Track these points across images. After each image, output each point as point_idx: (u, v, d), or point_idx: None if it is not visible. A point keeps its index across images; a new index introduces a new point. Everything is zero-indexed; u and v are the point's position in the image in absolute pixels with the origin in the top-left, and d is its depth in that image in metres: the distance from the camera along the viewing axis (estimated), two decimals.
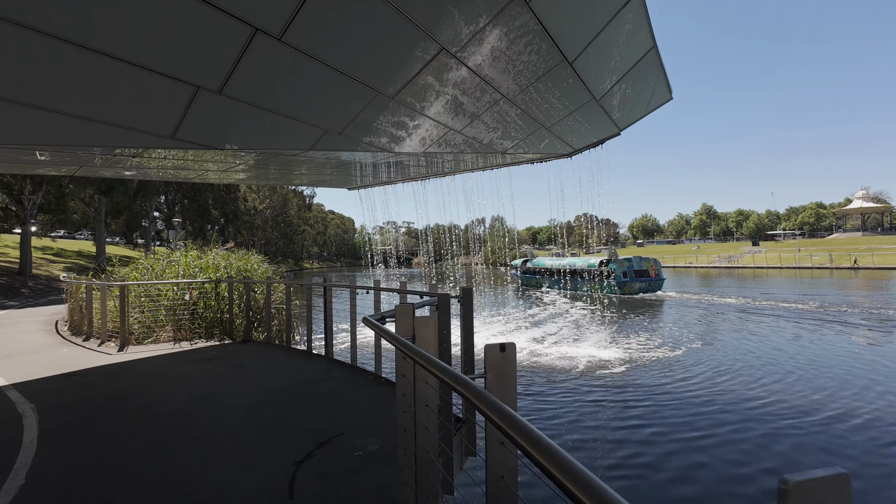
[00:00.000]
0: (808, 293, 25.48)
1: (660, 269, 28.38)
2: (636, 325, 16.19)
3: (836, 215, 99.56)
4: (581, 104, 7.03)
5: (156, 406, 4.81)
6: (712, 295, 25.59)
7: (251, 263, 13.00)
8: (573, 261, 31.39)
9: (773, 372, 9.24)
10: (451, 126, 6.49)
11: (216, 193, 49.77)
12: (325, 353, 7.03)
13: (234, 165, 7.69)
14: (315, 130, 5.47)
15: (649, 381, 8.84)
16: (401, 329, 2.37)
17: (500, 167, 10.41)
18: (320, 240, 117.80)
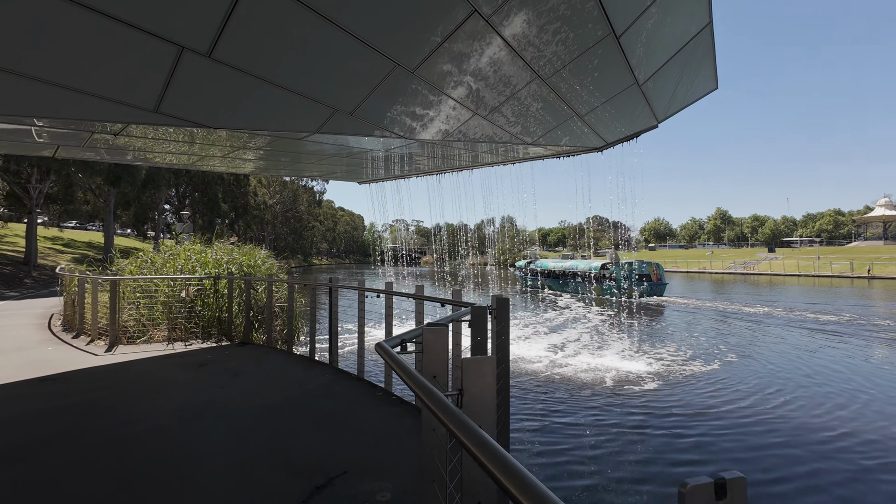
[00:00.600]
0: (836, 303, 24.29)
1: (662, 274, 28.13)
2: (658, 333, 15.31)
3: (857, 223, 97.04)
4: (621, 89, 6.24)
5: (131, 424, 4.14)
6: (732, 303, 24.51)
7: (256, 259, 12.39)
8: (575, 263, 31.35)
9: (833, 394, 8.32)
10: (475, 110, 5.74)
11: (226, 187, 49.53)
12: (330, 361, 6.33)
13: (236, 151, 7.02)
14: (322, 110, 4.75)
15: (693, 400, 7.98)
16: (431, 366, 1.63)
17: (521, 161, 9.64)
18: (329, 236, 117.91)
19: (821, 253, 69.39)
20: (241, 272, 10.15)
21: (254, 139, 5.94)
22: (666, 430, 6.39)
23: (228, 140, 6.21)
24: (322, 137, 5.86)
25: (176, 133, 5.19)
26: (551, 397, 8.19)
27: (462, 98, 5.32)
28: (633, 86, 6.15)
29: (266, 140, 5.93)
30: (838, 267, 55.70)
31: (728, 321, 18.18)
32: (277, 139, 5.81)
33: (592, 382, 9.24)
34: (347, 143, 6.58)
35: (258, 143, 6.31)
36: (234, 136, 5.54)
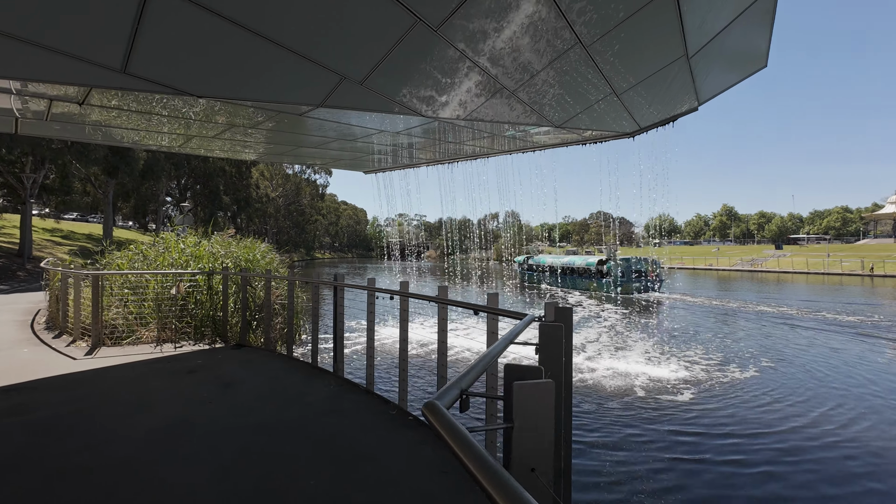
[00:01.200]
0: (856, 302, 23.44)
1: (659, 270, 28.27)
2: (679, 333, 14.55)
3: (865, 220, 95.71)
4: (668, 62, 5.45)
5: (95, 450, 3.43)
6: (747, 301, 23.69)
7: (256, 252, 11.68)
8: (572, 259, 31.60)
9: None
10: (504, 83, 4.97)
11: (228, 179, 48.83)
12: (335, 370, 5.61)
13: (232, 131, 6.26)
14: (328, 77, 4.00)
15: (747, 416, 7.12)
16: (527, 451, 0.90)
17: (542, 148, 8.86)
18: (332, 230, 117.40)
19: (830, 250, 68.40)
20: (238, 267, 9.44)
21: (248, 115, 5.18)
22: (728, 455, 5.57)
23: (222, 116, 5.46)
24: (327, 114, 5.10)
25: (157, 105, 4.44)
26: (578, 410, 7.46)
27: (490, 66, 4.55)
28: (681, 58, 5.36)
29: (264, 117, 5.17)
30: (848, 265, 54.80)
31: (748, 321, 17.41)
32: (276, 115, 5.05)
33: (622, 391, 8.49)
34: (354, 123, 5.82)
35: (255, 122, 5.56)
36: (228, 112, 4.79)
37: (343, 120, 5.51)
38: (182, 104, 4.42)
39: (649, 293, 26.91)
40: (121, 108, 4.34)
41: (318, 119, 5.26)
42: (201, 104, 4.42)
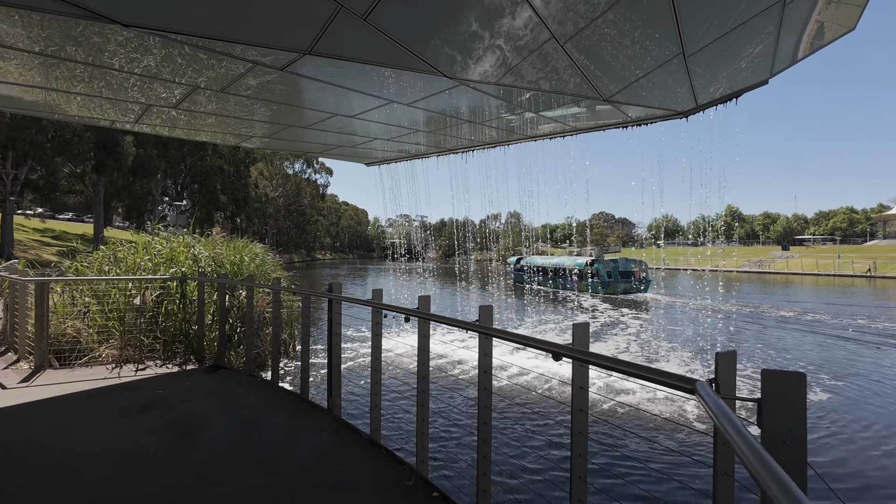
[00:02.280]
0: (884, 306, 22.15)
1: (645, 271, 29.04)
2: (711, 342, 13.27)
3: (873, 221, 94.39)
4: (760, 9, 4.21)
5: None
6: (758, 305, 22.38)
7: (246, 254, 10.43)
8: (562, 260, 32.19)
9: None
10: (553, 29, 3.71)
11: (225, 178, 47.63)
12: (329, 406, 4.35)
13: (195, 95, 5.00)
14: (317, 3, 2.74)
15: (853, 460, 5.96)
16: None
17: (573, 133, 7.58)
18: (333, 231, 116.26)
19: (839, 251, 67.19)
20: (219, 272, 8.18)
21: (214, 70, 3.92)
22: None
23: (184, 70, 4.22)
24: (318, 72, 3.84)
25: (82, 47, 3.18)
26: (628, 456, 6.17)
27: (541, 5, 3.29)
28: (776, 4, 4.13)
29: (235, 74, 3.91)
30: (860, 266, 53.53)
31: (773, 327, 16.14)
32: (252, 72, 3.78)
33: (673, 423, 7.20)
34: (352, 88, 4.56)
35: (223, 81, 4.29)
36: (189, 62, 3.52)
37: (339, 82, 4.24)
38: (118, 49, 3.16)
39: (636, 294, 27.58)
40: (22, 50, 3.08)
41: (308, 78, 3.99)
42: (153, 53, 3.16)
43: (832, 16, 5.14)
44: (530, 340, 2.13)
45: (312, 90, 4.45)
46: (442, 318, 2.94)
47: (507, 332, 2.45)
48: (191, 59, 3.34)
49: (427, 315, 3.06)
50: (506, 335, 2.42)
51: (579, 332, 2.09)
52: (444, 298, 26.31)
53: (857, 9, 5.13)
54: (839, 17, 5.21)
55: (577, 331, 2.11)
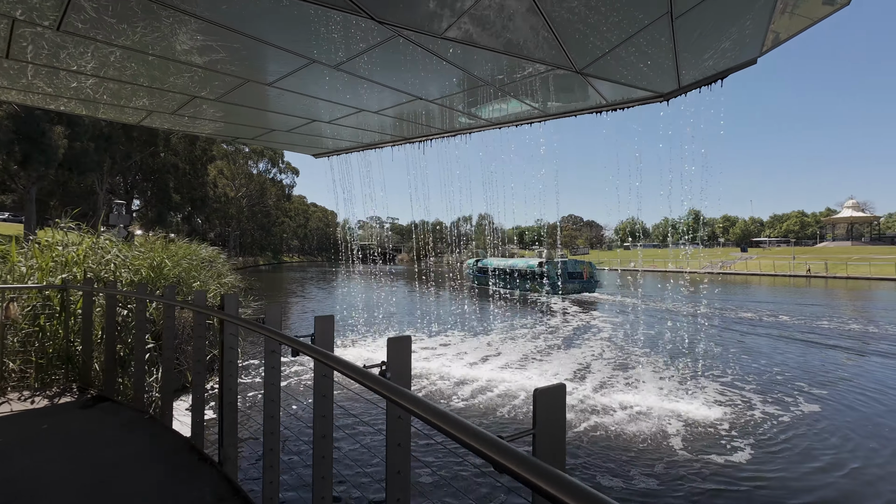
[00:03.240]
0: (848, 309, 22.59)
1: (593, 272, 30.60)
2: (684, 350, 12.76)
3: (822, 224, 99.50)
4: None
5: None
6: (731, 308, 22.43)
7: (187, 257, 9.08)
8: (516, 262, 33.39)
9: None
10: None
11: (180, 176, 44.80)
12: (220, 460, 3.25)
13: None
14: None
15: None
16: None
17: (544, 118, 6.71)
18: (301, 233, 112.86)
19: (794, 252, 70.23)
20: (132, 280, 6.86)
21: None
22: None
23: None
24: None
25: None
26: (609, 474, 5.30)
27: None
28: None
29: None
30: (814, 267, 55.93)
31: (744, 332, 15.94)
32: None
33: (655, 446, 6.36)
34: (252, 35, 3.48)
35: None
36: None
37: (236, 25, 3.16)
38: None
39: (584, 293, 28.90)
40: None
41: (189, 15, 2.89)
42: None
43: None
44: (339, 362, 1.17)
45: (197, 35, 3.34)
46: (342, 366, 1.91)
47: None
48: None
49: (329, 361, 2.03)
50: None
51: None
52: (400, 301, 25.28)
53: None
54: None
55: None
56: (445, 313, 20.28)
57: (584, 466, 5.88)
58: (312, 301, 26.16)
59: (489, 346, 13.03)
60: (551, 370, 10.41)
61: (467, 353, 12.33)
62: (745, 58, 5.35)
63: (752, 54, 5.34)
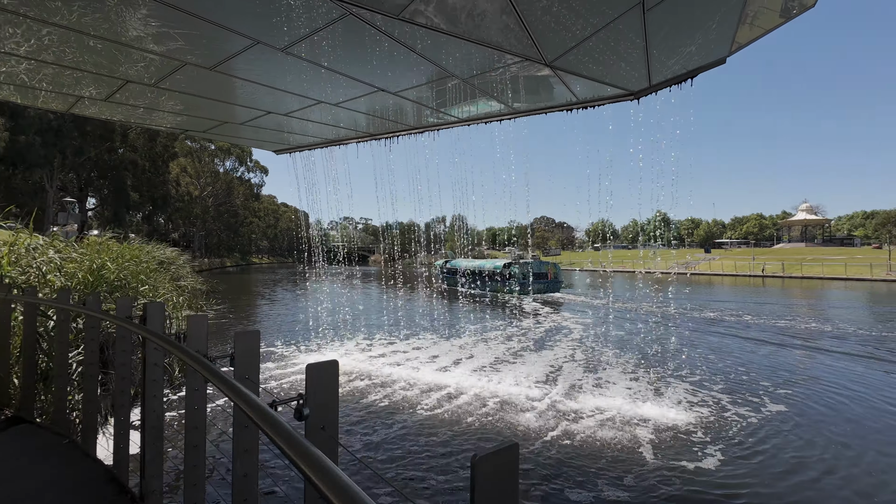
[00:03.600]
0: (814, 307, 23.52)
1: (557, 273, 31.75)
2: (654, 350, 12.86)
3: (779, 226, 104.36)
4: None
5: None
6: (696, 307, 23.03)
7: (125, 259, 8.39)
8: (482, 263, 33.88)
9: None
10: None
11: (139, 174, 42.68)
12: (142, 494, 2.82)
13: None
14: None
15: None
16: None
17: (514, 116, 6.49)
18: (271, 233, 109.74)
19: (753, 253, 73.25)
20: (39, 284, 6.20)
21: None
22: None
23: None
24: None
25: None
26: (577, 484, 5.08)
27: None
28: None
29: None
30: (771, 267, 58.40)
31: (709, 332, 16.28)
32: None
33: (626, 456, 6.19)
34: (190, 12, 3.08)
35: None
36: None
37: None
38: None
39: (549, 293, 29.95)
40: None
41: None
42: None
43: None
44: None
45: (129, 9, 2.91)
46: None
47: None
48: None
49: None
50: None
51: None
52: (367, 303, 24.80)
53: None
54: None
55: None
56: (411, 314, 19.96)
57: (553, 477, 5.67)
58: (277, 304, 25.28)
59: (461, 350, 12.77)
60: (523, 371, 10.25)
61: (439, 356, 12.04)
62: (715, 56, 5.27)
63: (722, 53, 5.27)
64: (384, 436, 6.88)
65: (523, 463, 5.96)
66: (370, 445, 6.58)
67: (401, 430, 7.06)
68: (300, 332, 15.66)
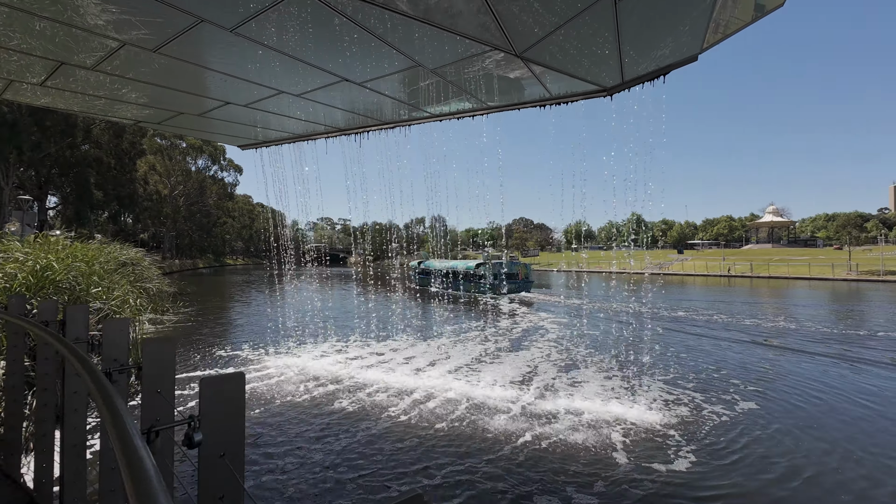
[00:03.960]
0: (791, 305, 24.23)
1: (528, 273, 32.76)
2: (626, 351, 12.92)
3: (748, 228, 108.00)
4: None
5: None
6: (671, 309, 23.46)
7: (75, 260, 7.86)
8: (455, 263, 34.71)
9: None
10: None
11: (104, 171, 40.90)
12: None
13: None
14: None
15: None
16: None
17: (485, 112, 6.33)
18: (246, 234, 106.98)
19: (724, 254, 75.56)
20: (6, 288, 5.71)
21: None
22: None
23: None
24: None
25: None
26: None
27: None
28: None
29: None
30: (740, 268, 60.33)
31: (682, 331, 16.53)
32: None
33: (598, 457, 6.13)
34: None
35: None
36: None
37: None
38: None
39: (519, 293, 30.70)
40: None
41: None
42: None
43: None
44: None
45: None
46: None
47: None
48: None
49: None
50: None
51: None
52: (346, 303, 24.35)
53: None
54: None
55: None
56: (385, 315, 19.66)
57: (528, 481, 5.51)
58: (251, 305, 24.55)
59: (438, 351, 12.56)
60: (501, 371, 10.10)
61: (415, 356, 11.80)
62: (687, 53, 5.22)
63: (694, 50, 5.21)
64: (323, 458, 6.48)
65: (492, 468, 5.79)
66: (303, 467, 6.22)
67: (342, 449, 6.52)
68: (264, 334, 15.14)
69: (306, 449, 6.41)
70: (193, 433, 1.05)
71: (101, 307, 7.76)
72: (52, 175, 40.22)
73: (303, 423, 7.31)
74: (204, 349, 12.23)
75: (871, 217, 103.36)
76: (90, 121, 37.23)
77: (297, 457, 6.15)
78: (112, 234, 47.29)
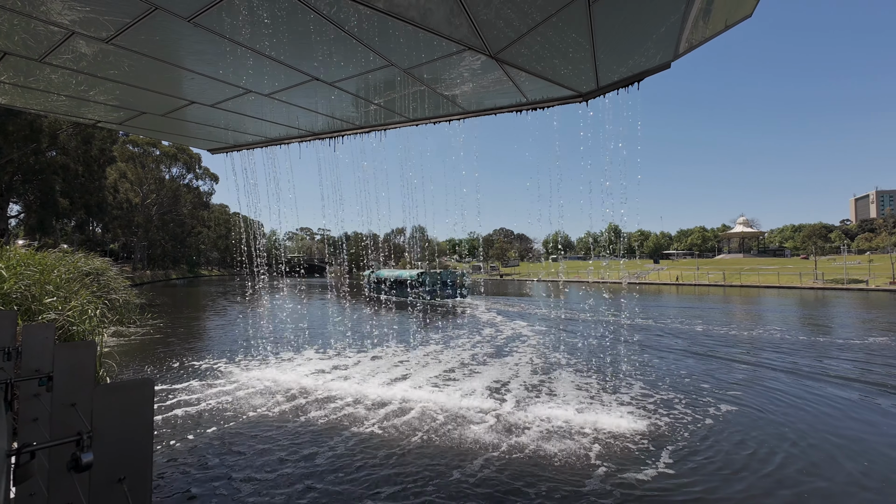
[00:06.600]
0: (760, 314, 24.81)
1: (463, 282, 36.79)
2: (602, 359, 12.93)
3: (720, 238, 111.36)
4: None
5: None
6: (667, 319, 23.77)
7: (25, 268, 7.39)
8: (401, 273, 37.68)
9: None
10: None
11: (70, 179, 39.38)
12: None
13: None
14: None
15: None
16: None
17: (462, 116, 6.25)
18: (222, 244, 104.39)
19: (698, 264, 77.51)
20: None
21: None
22: None
23: None
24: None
25: None
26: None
27: None
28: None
29: None
30: (713, 277, 61.93)
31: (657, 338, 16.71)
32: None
33: (575, 466, 5.99)
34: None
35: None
36: None
37: None
38: None
39: (454, 299, 34.00)
40: None
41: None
42: None
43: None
44: None
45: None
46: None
47: None
48: None
49: None
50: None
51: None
52: (312, 310, 23.88)
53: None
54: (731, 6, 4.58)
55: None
56: (338, 321, 19.46)
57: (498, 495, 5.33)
58: (226, 316, 23.80)
59: (401, 359, 12.31)
60: (477, 379, 9.93)
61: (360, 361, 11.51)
62: (660, 61, 5.26)
63: (667, 58, 5.26)
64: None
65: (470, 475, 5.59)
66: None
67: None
68: (218, 346, 14.62)
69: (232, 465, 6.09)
70: (81, 453, 0.85)
71: (55, 318, 7.30)
72: (14, 182, 38.50)
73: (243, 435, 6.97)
74: (164, 361, 11.86)
75: (834, 228, 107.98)
76: (56, 126, 35.92)
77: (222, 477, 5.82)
78: (79, 243, 45.46)
